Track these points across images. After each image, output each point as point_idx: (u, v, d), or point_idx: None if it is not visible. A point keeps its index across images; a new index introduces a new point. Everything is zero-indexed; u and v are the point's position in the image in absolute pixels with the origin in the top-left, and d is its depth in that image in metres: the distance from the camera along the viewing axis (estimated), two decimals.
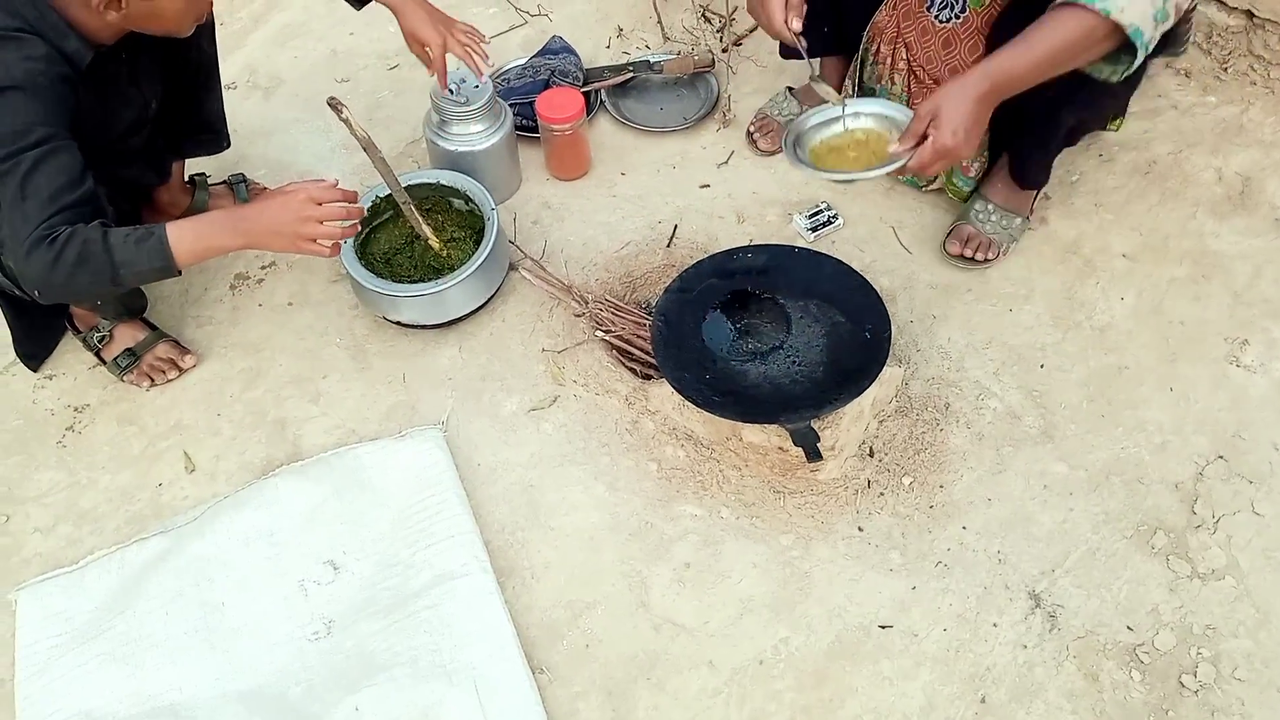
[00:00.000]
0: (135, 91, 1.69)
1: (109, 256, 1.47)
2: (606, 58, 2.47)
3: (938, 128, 1.43)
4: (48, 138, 1.45)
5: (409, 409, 1.90)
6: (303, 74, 2.48)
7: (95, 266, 1.47)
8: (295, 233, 1.57)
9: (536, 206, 2.19)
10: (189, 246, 1.53)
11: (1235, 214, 2.08)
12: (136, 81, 1.68)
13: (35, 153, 1.43)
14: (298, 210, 1.57)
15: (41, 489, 1.83)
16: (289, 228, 1.57)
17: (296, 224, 1.57)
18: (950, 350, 1.92)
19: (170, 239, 1.51)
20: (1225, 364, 1.89)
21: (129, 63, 1.65)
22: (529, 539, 1.73)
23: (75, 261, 1.45)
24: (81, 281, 1.48)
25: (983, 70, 1.43)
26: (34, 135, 1.44)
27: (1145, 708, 1.54)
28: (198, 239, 1.54)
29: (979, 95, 1.42)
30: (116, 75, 1.63)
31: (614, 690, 1.58)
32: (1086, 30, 1.33)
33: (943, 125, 1.41)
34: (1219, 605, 1.63)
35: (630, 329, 1.94)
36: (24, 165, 1.43)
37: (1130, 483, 1.76)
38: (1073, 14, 1.33)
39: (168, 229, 1.52)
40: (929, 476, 1.77)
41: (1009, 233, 2.02)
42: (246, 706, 1.55)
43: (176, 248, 1.52)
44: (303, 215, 1.57)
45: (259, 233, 1.58)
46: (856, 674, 1.58)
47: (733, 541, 1.72)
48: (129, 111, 1.70)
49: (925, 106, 1.45)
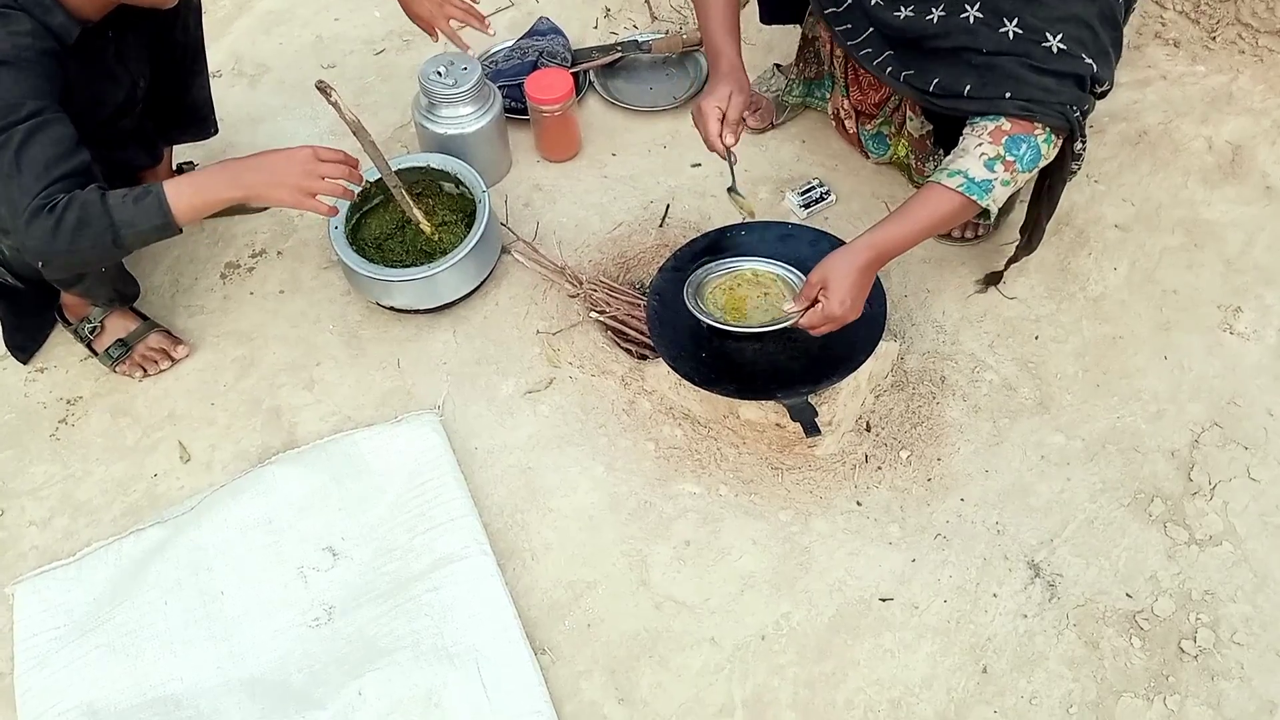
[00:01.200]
0: (122, 70, 1.68)
1: (109, 217, 1.46)
2: (594, 38, 2.45)
3: (827, 296, 1.57)
4: (38, 110, 1.44)
5: (404, 394, 1.89)
6: (288, 61, 2.46)
7: (96, 229, 1.46)
8: (298, 184, 1.56)
9: (527, 189, 2.18)
10: (188, 201, 1.51)
11: (1226, 182, 2.08)
12: (124, 60, 1.67)
13: (27, 125, 1.43)
14: (303, 163, 1.57)
15: (36, 482, 1.82)
16: (292, 179, 1.56)
17: (300, 176, 1.56)
18: (945, 324, 1.92)
19: (169, 195, 1.50)
20: (1219, 331, 1.89)
21: (115, 40, 1.64)
22: (528, 521, 1.73)
23: (75, 226, 1.44)
24: (83, 246, 1.46)
25: (868, 241, 1.58)
26: (25, 109, 1.43)
27: (1146, 673, 1.55)
28: (196, 192, 1.53)
29: (864, 265, 1.57)
30: (103, 53, 1.62)
31: (617, 669, 1.58)
32: (955, 206, 1.57)
33: (831, 295, 1.56)
34: (1217, 570, 1.64)
35: (625, 309, 1.93)
36: (16, 138, 1.42)
37: (1127, 451, 1.76)
38: (942, 192, 1.57)
39: (165, 185, 1.51)
40: (926, 450, 1.78)
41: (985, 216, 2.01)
42: (249, 694, 1.55)
43: (175, 204, 1.50)
44: (307, 168, 1.57)
45: (261, 183, 1.55)
46: (858, 647, 1.59)
47: (732, 519, 1.72)
48: (117, 91, 1.69)
49: (815, 275, 1.59)
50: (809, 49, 2.10)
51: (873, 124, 2.05)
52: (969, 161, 1.57)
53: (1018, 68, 1.53)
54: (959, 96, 1.59)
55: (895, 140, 2.04)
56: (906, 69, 1.66)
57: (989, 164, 1.56)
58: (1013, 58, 1.54)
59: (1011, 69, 1.54)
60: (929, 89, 1.63)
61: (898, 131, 2.02)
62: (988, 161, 1.56)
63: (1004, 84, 1.54)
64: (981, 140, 1.57)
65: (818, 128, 2.22)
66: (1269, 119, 2.16)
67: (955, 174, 1.57)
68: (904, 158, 2.05)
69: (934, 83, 1.61)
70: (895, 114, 2.00)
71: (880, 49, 1.69)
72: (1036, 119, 1.55)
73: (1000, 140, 1.56)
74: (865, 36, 1.70)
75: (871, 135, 2.08)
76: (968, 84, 1.57)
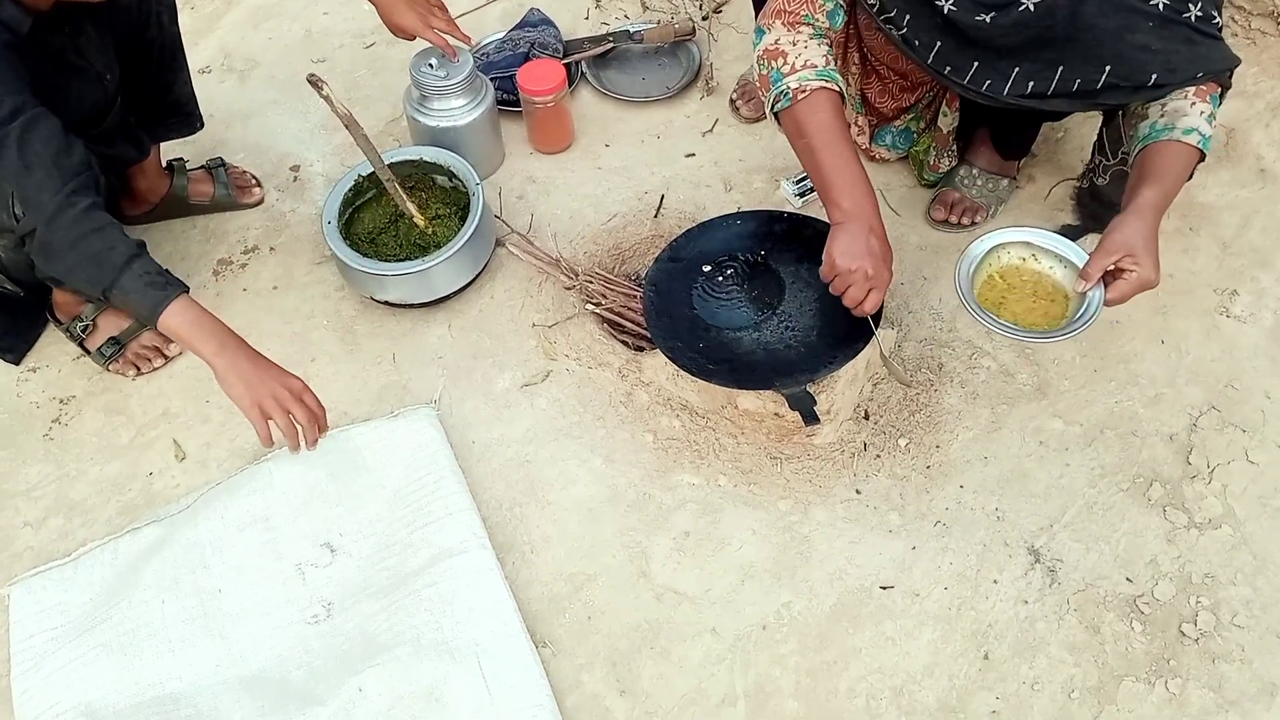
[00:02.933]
0: (86, 65, 1.65)
1: (117, 276, 1.50)
2: (585, 28, 2.44)
3: (1140, 264, 1.49)
4: (19, 106, 1.42)
5: (400, 389, 1.88)
6: (278, 55, 2.44)
7: (99, 272, 1.49)
8: (260, 395, 1.56)
9: (521, 181, 2.17)
10: (178, 319, 1.52)
11: (1221, 165, 2.08)
12: (84, 54, 1.64)
13: (19, 123, 1.42)
14: (283, 383, 1.58)
15: (30, 482, 1.81)
16: (262, 387, 1.56)
17: (272, 388, 1.56)
18: (942, 311, 1.92)
19: (175, 304, 1.52)
20: (1215, 315, 1.89)
21: (72, 35, 1.61)
22: (527, 514, 1.72)
23: (92, 257, 1.48)
24: (80, 274, 1.50)
25: (1149, 204, 1.52)
26: (4, 106, 1.42)
27: (1147, 657, 1.55)
28: (190, 322, 1.53)
29: (1156, 227, 1.52)
30: (62, 49, 1.59)
31: (618, 661, 1.58)
32: (1192, 161, 1.55)
33: (1145, 261, 1.49)
34: (1217, 554, 1.64)
35: (621, 301, 1.92)
36: (12, 138, 1.42)
37: (1125, 436, 1.76)
38: (1182, 149, 1.53)
39: (183, 297, 1.53)
40: (925, 437, 1.77)
41: (996, 195, 2.02)
42: (249, 692, 1.54)
43: (169, 316, 1.52)
44: (284, 391, 1.57)
45: (236, 367, 1.55)
46: (859, 635, 1.59)
47: (731, 509, 1.71)
48: (85, 87, 1.66)
49: (1112, 244, 1.51)
50: None
51: (902, 119, 2.04)
52: (1195, 120, 1.53)
53: (1187, 45, 1.49)
54: (1140, 88, 1.52)
55: (925, 137, 2.03)
56: (1031, 74, 1.55)
57: (1209, 119, 1.54)
58: (1175, 31, 1.49)
59: (1183, 45, 1.49)
60: (1073, 89, 1.54)
61: (926, 127, 2.01)
62: (1208, 117, 1.54)
63: (1192, 65, 1.50)
64: (1192, 99, 1.53)
65: None
66: (1263, 101, 2.16)
67: (1190, 131, 1.52)
68: (923, 153, 2.04)
69: (1079, 81, 1.53)
70: (928, 110, 1.99)
71: (967, 61, 1.58)
72: (1221, 80, 1.55)
73: (1206, 97, 1.53)
74: (942, 49, 1.59)
75: (899, 131, 2.06)
76: (1153, 73, 1.50)
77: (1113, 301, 1.54)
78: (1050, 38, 1.50)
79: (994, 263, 1.69)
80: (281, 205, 2.16)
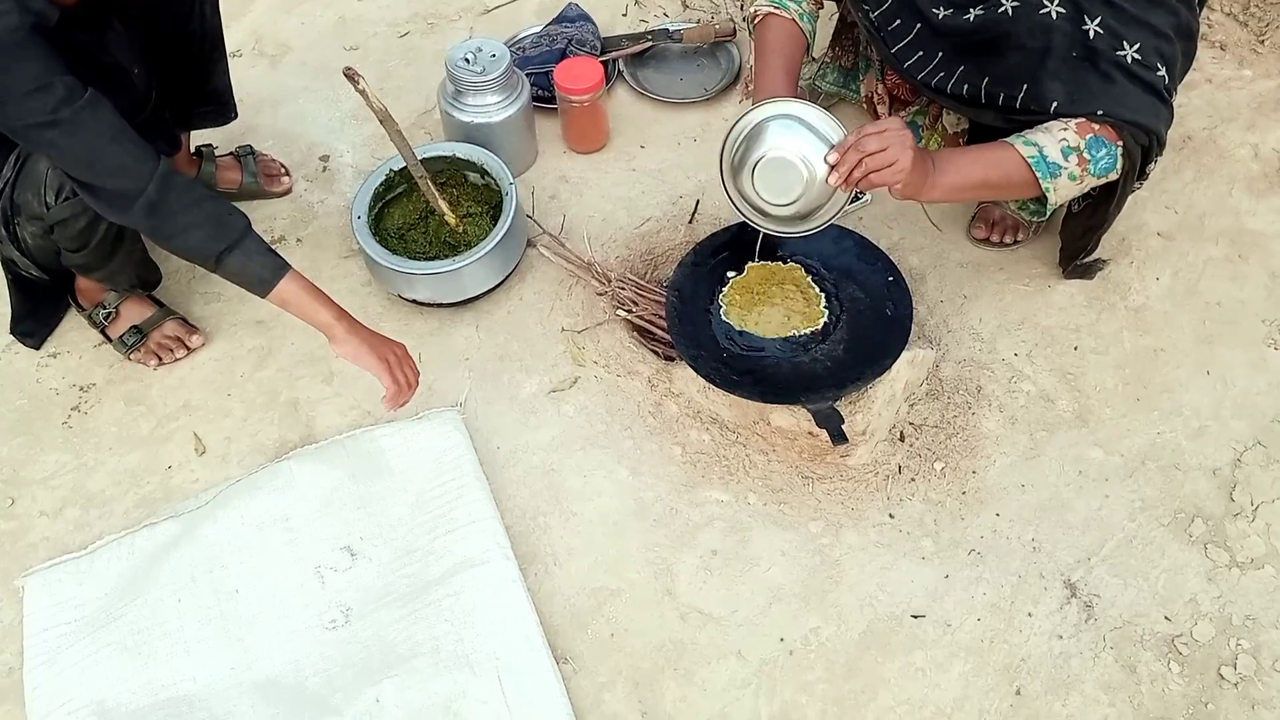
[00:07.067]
0: (114, 63, 1.60)
1: (240, 238, 1.51)
2: (624, 25, 2.39)
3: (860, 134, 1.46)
4: (73, 85, 1.39)
5: (425, 390, 1.83)
6: (310, 41, 2.40)
7: (224, 232, 1.50)
8: (383, 352, 1.60)
9: (554, 180, 2.12)
10: (294, 285, 1.55)
11: (1272, 191, 2.03)
12: (110, 52, 1.60)
13: (85, 99, 1.40)
14: (393, 345, 1.63)
15: (47, 471, 1.78)
16: (382, 346, 1.60)
17: (390, 347, 1.62)
18: (982, 331, 1.87)
19: (289, 274, 1.54)
20: (1263, 346, 1.84)
21: (99, 32, 1.57)
22: (551, 524, 1.69)
23: (212, 217, 1.50)
24: (197, 232, 1.49)
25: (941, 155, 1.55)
26: (58, 87, 1.38)
27: (1184, 700, 1.51)
28: (305, 289, 1.56)
29: (926, 157, 1.50)
30: (90, 46, 1.55)
31: (640, 681, 1.54)
32: (1017, 173, 1.53)
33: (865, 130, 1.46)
34: (1259, 595, 1.59)
35: (652, 309, 1.88)
36: (84, 115, 1.40)
37: (1167, 469, 1.71)
38: (1011, 153, 1.53)
39: (293, 270, 1.56)
40: (961, 462, 1.73)
41: (1038, 213, 1.96)
42: (264, 697, 1.51)
43: (289, 278, 1.54)
44: (399, 349, 1.63)
45: (356, 330, 1.58)
46: (889, 665, 1.55)
47: (760, 528, 1.67)
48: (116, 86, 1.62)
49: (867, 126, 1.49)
50: (847, 36, 2.04)
51: (907, 111, 1.99)
52: (1047, 140, 1.52)
53: (1103, 80, 1.48)
54: (1044, 114, 1.53)
55: (929, 134, 1.98)
56: (970, 77, 1.60)
57: (1065, 151, 1.51)
58: (1095, 65, 1.48)
59: (1098, 80, 1.49)
60: (996, 100, 1.57)
61: (932, 124, 1.96)
62: (1065, 149, 1.51)
63: (1095, 100, 1.50)
64: (1067, 127, 1.52)
65: (854, 124, 2.15)
66: None
67: (1030, 144, 1.52)
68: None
69: (1003, 93, 1.56)
70: (931, 105, 1.94)
71: (933, 53, 1.63)
72: (1124, 134, 1.51)
73: (1085, 135, 1.51)
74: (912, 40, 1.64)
75: (906, 122, 2.01)
76: (1054, 100, 1.52)
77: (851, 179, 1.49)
78: (986, 48, 1.57)
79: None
80: (310, 196, 2.12)
